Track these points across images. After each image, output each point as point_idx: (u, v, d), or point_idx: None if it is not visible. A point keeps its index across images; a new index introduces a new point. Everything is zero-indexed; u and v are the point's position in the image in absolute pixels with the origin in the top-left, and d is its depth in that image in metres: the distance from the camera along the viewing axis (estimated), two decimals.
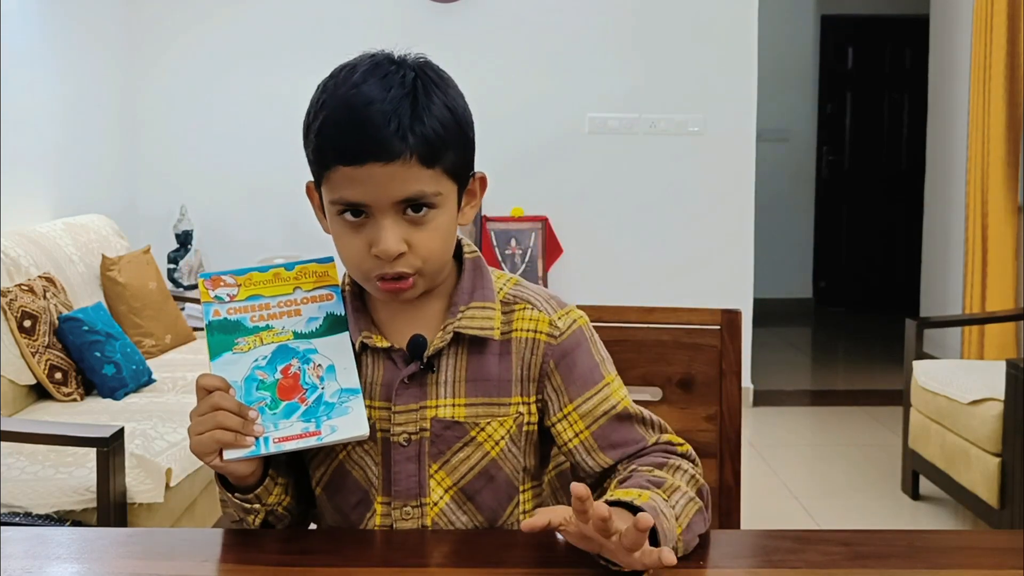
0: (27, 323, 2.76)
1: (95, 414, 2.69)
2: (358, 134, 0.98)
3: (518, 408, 1.10)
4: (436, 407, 1.08)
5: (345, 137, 0.99)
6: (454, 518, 1.10)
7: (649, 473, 1.05)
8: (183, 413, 2.63)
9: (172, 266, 4.24)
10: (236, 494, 1.08)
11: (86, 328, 2.87)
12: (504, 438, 1.10)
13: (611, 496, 0.99)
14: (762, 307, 4.97)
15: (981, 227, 4.30)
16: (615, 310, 1.43)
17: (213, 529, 1.93)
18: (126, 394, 2.88)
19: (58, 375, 2.82)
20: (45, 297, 2.87)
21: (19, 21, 3.47)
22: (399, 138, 0.98)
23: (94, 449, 2.07)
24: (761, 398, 4.74)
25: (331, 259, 1.10)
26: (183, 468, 2.44)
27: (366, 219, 1.02)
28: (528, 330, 1.10)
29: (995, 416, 2.88)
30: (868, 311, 7.10)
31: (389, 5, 4.50)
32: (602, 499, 1.00)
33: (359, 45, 1.22)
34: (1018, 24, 4.18)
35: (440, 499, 1.10)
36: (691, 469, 1.09)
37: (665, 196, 4.60)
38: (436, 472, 1.09)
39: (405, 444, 1.09)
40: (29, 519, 2.16)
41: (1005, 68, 4.19)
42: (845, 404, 4.76)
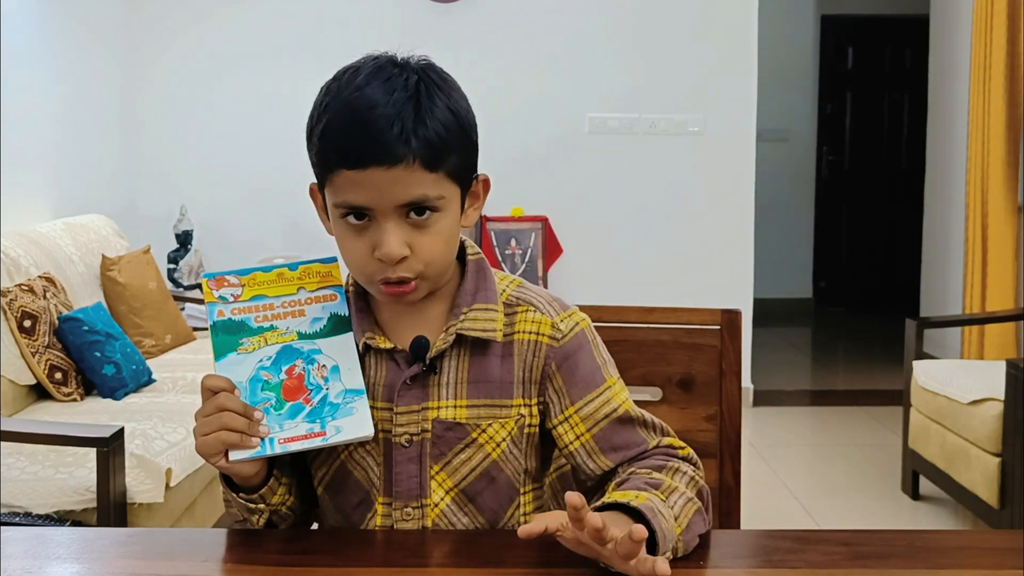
0: (27, 323, 2.76)
1: (95, 414, 2.69)
2: (361, 138, 0.98)
3: (519, 410, 1.10)
4: (438, 408, 1.08)
5: (348, 141, 0.99)
6: (455, 519, 1.10)
7: (647, 475, 1.05)
8: (183, 413, 2.64)
9: (172, 266, 4.24)
10: (240, 494, 1.08)
11: (86, 328, 2.87)
12: (505, 440, 1.10)
13: (608, 499, 0.99)
14: (762, 307, 4.97)
15: (981, 227, 4.30)
16: (615, 310, 1.43)
17: (213, 529, 1.93)
18: (126, 394, 2.88)
19: (58, 375, 2.82)
20: (45, 297, 2.87)
21: (19, 21, 3.47)
22: (402, 142, 0.98)
23: (94, 449, 2.07)
24: (761, 398, 4.74)
25: (335, 259, 1.10)
26: (183, 468, 2.44)
27: (369, 222, 1.02)
28: (530, 332, 1.10)
29: (995, 416, 2.88)
30: (868, 311, 7.10)
31: (389, 5, 4.50)
32: (599, 501, 1.00)
33: (359, 45, 1.22)
34: (1018, 24, 4.18)
35: (441, 500, 1.10)
36: (691, 471, 1.08)
37: (665, 196, 4.60)
38: (437, 473, 1.09)
39: (406, 445, 1.09)
40: (29, 519, 2.16)
41: (1005, 68, 4.19)
42: (845, 404, 4.76)
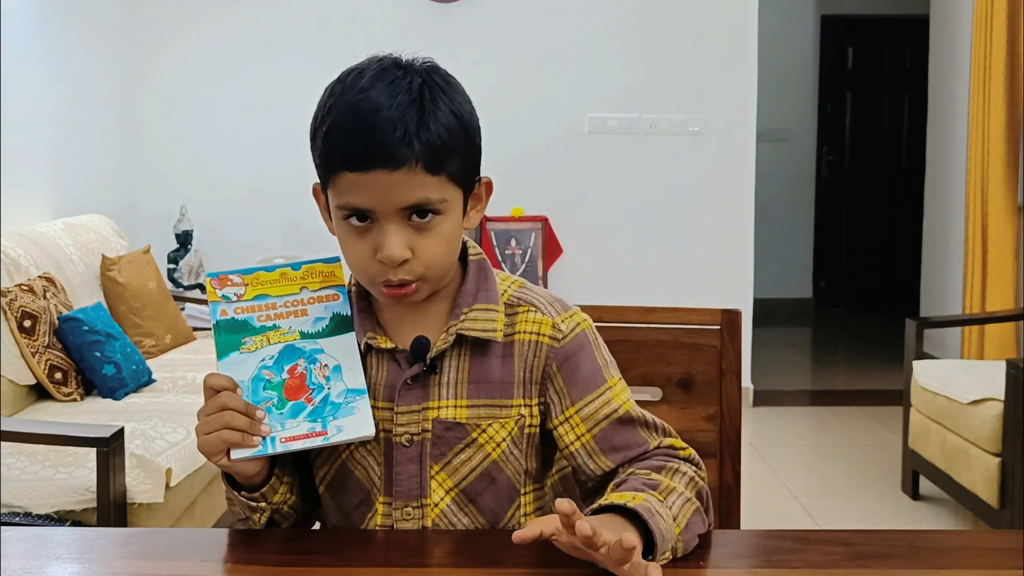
0: (27, 323, 2.76)
1: (95, 414, 2.69)
2: (364, 140, 0.98)
3: (520, 410, 1.10)
4: (438, 408, 1.08)
5: (351, 143, 0.99)
6: (455, 519, 1.10)
7: (646, 476, 1.05)
8: (183, 413, 2.64)
9: (172, 266, 4.24)
10: (242, 493, 1.08)
11: (86, 328, 2.87)
12: (505, 440, 1.09)
13: (605, 500, 0.99)
14: (762, 307, 4.97)
15: (981, 227, 4.30)
16: (615, 310, 1.43)
17: (213, 529, 1.93)
18: (126, 394, 2.88)
19: (58, 375, 2.82)
20: (45, 297, 2.87)
21: (19, 21, 3.47)
22: (405, 145, 0.98)
23: (94, 449, 2.07)
24: (761, 398, 4.74)
25: (337, 259, 1.10)
26: (183, 468, 2.44)
27: (371, 224, 1.02)
28: (531, 332, 1.10)
29: (995, 416, 2.88)
30: (868, 311, 7.10)
31: (389, 5, 4.50)
32: (597, 503, 1.00)
33: (359, 45, 1.22)
34: (1018, 24, 4.18)
35: (441, 500, 1.10)
36: (691, 472, 1.08)
37: (665, 196, 4.60)
38: (437, 473, 1.09)
39: (407, 445, 1.09)
40: (29, 519, 2.16)
41: (1005, 68, 4.19)
42: (845, 404, 4.76)
